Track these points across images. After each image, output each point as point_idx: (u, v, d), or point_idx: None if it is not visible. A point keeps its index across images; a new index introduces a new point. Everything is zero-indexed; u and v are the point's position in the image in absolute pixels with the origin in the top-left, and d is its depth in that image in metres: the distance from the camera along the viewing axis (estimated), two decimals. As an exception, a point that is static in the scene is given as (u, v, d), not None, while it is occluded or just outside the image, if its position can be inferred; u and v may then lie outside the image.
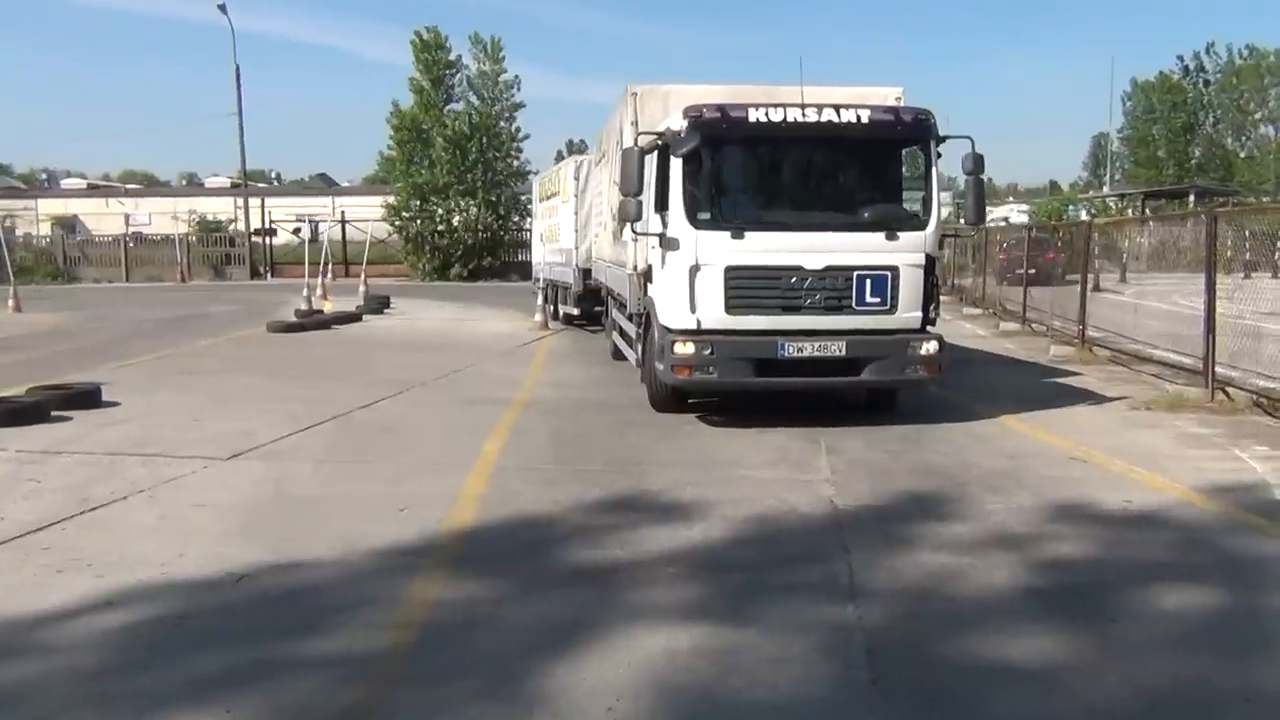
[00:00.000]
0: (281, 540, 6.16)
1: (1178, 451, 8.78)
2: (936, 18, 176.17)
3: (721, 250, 9.44)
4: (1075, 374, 13.46)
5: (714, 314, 9.48)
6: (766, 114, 9.32)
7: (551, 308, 20.99)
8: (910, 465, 8.32)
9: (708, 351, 9.46)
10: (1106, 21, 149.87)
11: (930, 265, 9.63)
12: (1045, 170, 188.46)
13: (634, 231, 10.60)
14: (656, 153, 9.79)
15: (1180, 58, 65.41)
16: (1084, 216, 44.51)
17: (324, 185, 71.94)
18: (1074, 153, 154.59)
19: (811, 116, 9.34)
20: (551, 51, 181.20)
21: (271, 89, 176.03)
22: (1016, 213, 52.47)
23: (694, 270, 9.47)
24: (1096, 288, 21.85)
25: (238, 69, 44.25)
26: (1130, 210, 49.50)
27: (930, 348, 9.63)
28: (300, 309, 22.56)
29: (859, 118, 9.40)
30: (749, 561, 5.84)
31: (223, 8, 43.31)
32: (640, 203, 9.87)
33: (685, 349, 9.49)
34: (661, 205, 9.68)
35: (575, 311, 19.37)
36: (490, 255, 39.99)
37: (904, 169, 10.39)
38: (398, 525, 6.47)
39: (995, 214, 53.56)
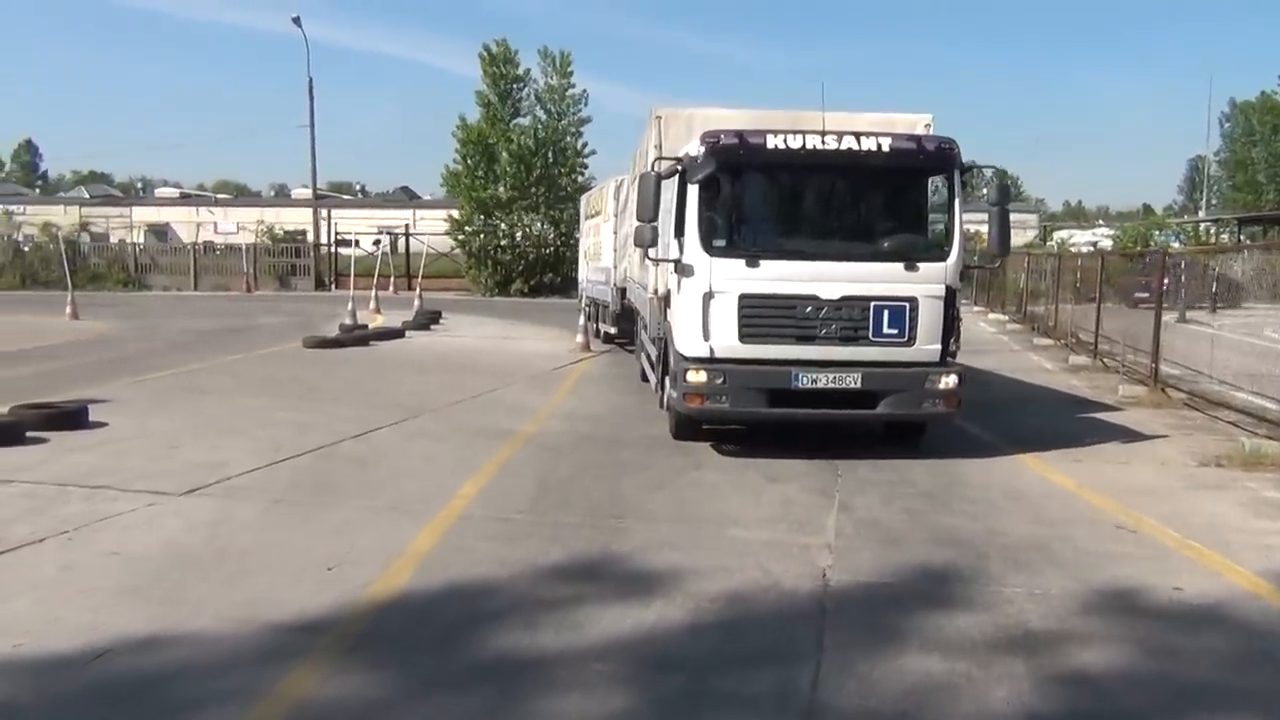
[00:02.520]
0: (175, 605, 5.41)
1: (1246, 523, 7.57)
2: (1029, 35, 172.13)
3: (736, 278, 9.23)
4: (1141, 420, 12.14)
5: (727, 342, 9.28)
6: (785, 141, 9.10)
7: (595, 326, 20.31)
8: (928, 529, 7.27)
9: (720, 380, 9.23)
10: (1205, 39, 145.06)
11: (951, 297, 9.38)
12: (1139, 193, 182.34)
13: (648, 257, 10.24)
14: (676, 178, 9.52)
15: (1284, 76, 61.79)
16: (1175, 243, 42.44)
17: (405, 198, 72.34)
18: (1170, 175, 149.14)
19: (831, 144, 9.10)
20: (625, 67, 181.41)
21: (360, 103, 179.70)
22: (1101, 237, 50.19)
23: (708, 297, 9.27)
24: (1182, 319, 20.45)
25: (310, 81, 44.34)
26: (1226, 236, 47.03)
27: (950, 381, 9.31)
28: (345, 324, 22.20)
29: (880, 146, 9.13)
30: (698, 658, 4.90)
31: (297, 20, 43.69)
32: (655, 229, 9.60)
33: (698, 377, 9.27)
34: (679, 231, 9.48)
35: (614, 331, 18.90)
36: (552, 271, 39.31)
37: (930, 198, 9.94)
38: (315, 589, 5.68)
39: (1080, 238, 51.33)
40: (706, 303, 9.26)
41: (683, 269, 9.47)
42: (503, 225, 39.92)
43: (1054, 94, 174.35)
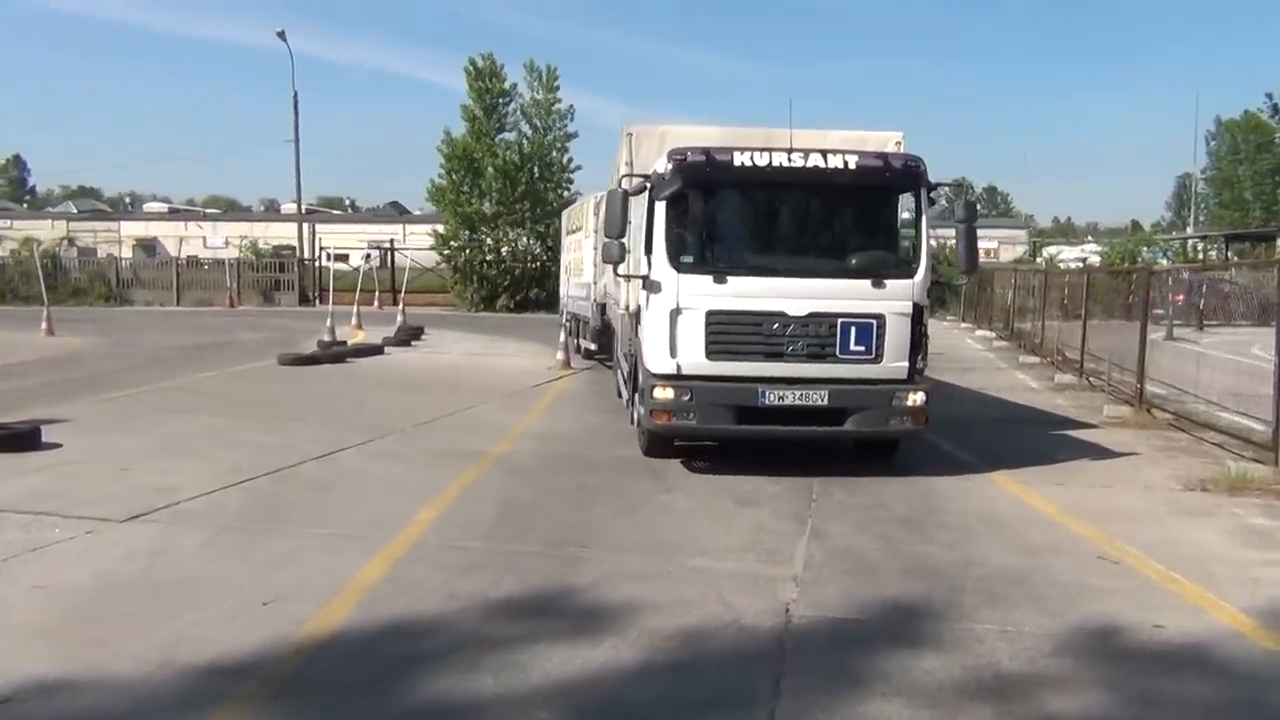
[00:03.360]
0: (92, 646, 5.07)
1: (1232, 553, 7.28)
2: (1017, 54, 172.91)
3: (703, 294, 9.22)
4: (1126, 441, 11.87)
5: (694, 359, 9.27)
6: (752, 159, 9.13)
7: (576, 343, 20.04)
8: (902, 559, 6.96)
9: (687, 397, 9.23)
10: (1191, 59, 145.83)
11: (919, 314, 9.35)
12: (1128, 210, 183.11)
13: (616, 273, 10.36)
14: (646, 194, 9.57)
15: (1269, 95, 61.51)
16: (1163, 259, 42.37)
17: (395, 213, 71.96)
18: (1158, 192, 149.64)
19: (798, 161, 9.13)
20: (615, 82, 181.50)
21: (350, 118, 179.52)
22: (1089, 253, 50.11)
23: (675, 314, 9.28)
24: (1169, 336, 20.21)
25: (295, 95, 44.18)
26: (1214, 253, 47.00)
27: (917, 399, 9.31)
28: (323, 340, 21.84)
29: (846, 163, 9.16)
30: (645, 705, 4.59)
31: (282, 34, 43.41)
32: (623, 244, 9.64)
33: (665, 394, 9.29)
34: (648, 248, 9.51)
35: (594, 347, 18.74)
36: (538, 286, 38.96)
37: (900, 215, 9.90)
38: (247, 627, 5.35)
39: (1068, 254, 51.23)
40: (674, 319, 9.25)
41: (650, 285, 9.46)
42: (488, 240, 39.66)
43: (1043, 112, 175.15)
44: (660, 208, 9.32)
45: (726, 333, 9.18)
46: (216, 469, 9.32)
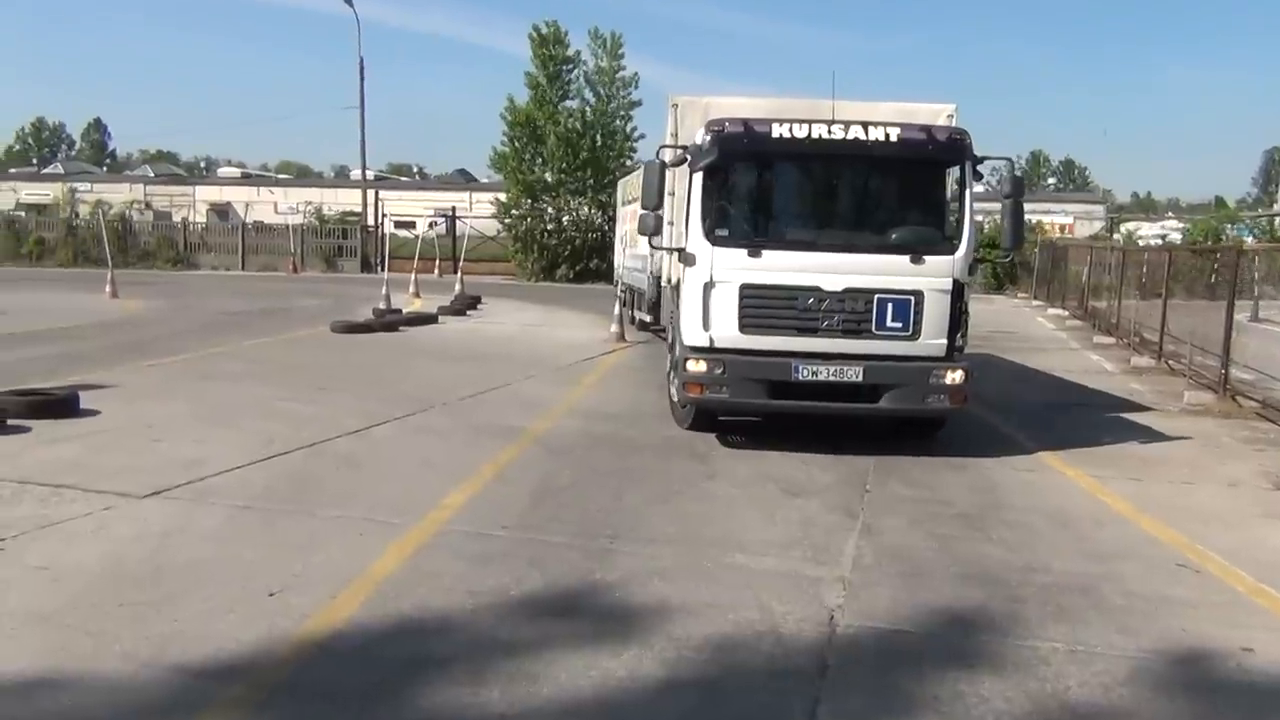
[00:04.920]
0: (80, 636, 4.77)
1: (1330, 564, 6.61)
2: (1099, 21, 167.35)
3: (737, 267, 9.16)
4: (1208, 431, 11.10)
5: (727, 332, 9.22)
6: (790, 130, 9.02)
7: (631, 314, 19.58)
8: (960, 561, 6.42)
9: (719, 370, 9.20)
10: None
11: (959, 290, 9.15)
12: (1212, 185, 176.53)
13: (650, 246, 10.49)
14: (685, 166, 9.59)
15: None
16: (1248, 238, 40.55)
17: (462, 181, 71.97)
18: (1244, 167, 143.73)
19: (838, 133, 9.01)
20: (681, 50, 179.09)
21: (421, 85, 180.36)
22: (1170, 230, 48.23)
23: (708, 287, 9.22)
24: (1254, 317, 19.16)
25: (361, 61, 43.99)
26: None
27: (955, 377, 9.08)
28: (378, 308, 21.71)
29: (888, 135, 8.98)
30: (664, 729, 4.15)
31: (349, 1, 43.22)
32: (659, 216, 9.72)
33: (697, 366, 9.27)
34: (686, 220, 9.50)
35: (649, 319, 18.12)
36: (598, 257, 38.37)
37: (944, 190, 9.65)
38: (245, 621, 5.01)
39: (1147, 231, 49.36)
40: (707, 292, 9.18)
41: (685, 258, 9.41)
42: (549, 209, 39.25)
43: (1125, 83, 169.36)
44: (696, 179, 9.28)
45: (760, 306, 9.09)
46: (250, 441, 9.07)
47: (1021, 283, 34.48)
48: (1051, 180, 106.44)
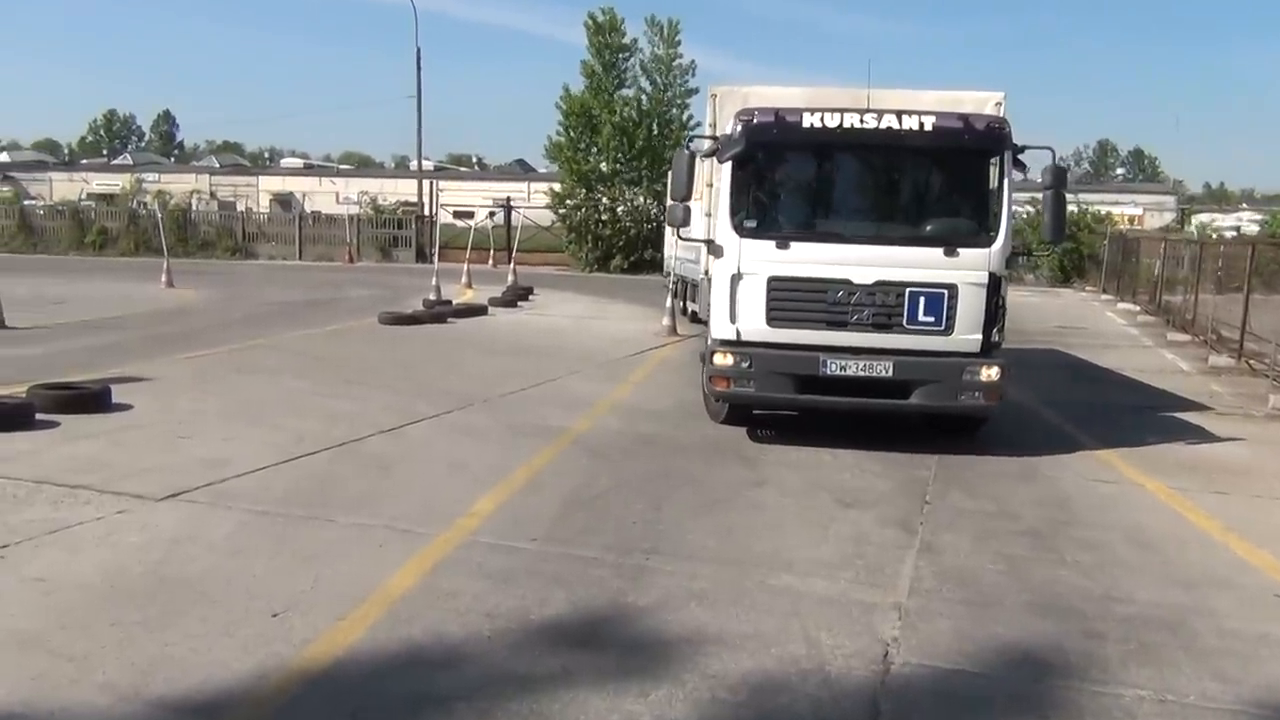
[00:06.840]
0: (62, 661, 4.39)
1: None
2: (1168, 9, 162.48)
3: (765, 259, 8.97)
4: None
5: (755, 325, 9.05)
6: (822, 120, 8.74)
7: (683, 306, 19.07)
8: (1029, 588, 5.82)
9: (746, 364, 9.03)
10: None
11: (996, 284, 8.84)
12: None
13: (678, 236, 10.45)
14: (717, 156, 9.52)
15: None
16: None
17: (520, 171, 71.83)
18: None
19: (870, 123, 8.72)
20: (740, 39, 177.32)
21: (480, 76, 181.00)
22: (1245, 222, 46.38)
23: (735, 279, 9.05)
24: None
25: (419, 52, 43.93)
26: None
27: (991, 373, 8.80)
28: (428, 299, 21.45)
29: (922, 125, 8.68)
30: (689, 790, 3.65)
31: (405, -10, 43.13)
32: (688, 208, 9.53)
33: (724, 360, 9.11)
34: (716, 211, 9.39)
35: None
36: (653, 247, 37.77)
37: (981, 181, 9.23)
38: (240, 647, 4.60)
39: (1222, 223, 47.56)
40: (735, 284, 9.02)
41: (714, 249, 9.34)
42: (604, 199, 38.80)
43: (1196, 69, 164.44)
44: (726, 170, 9.14)
45: (788, 299, 8.91)
46: (279, 440, 8.74)
47: (1090, 276, 33.29)
48: (1120, 171, 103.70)
